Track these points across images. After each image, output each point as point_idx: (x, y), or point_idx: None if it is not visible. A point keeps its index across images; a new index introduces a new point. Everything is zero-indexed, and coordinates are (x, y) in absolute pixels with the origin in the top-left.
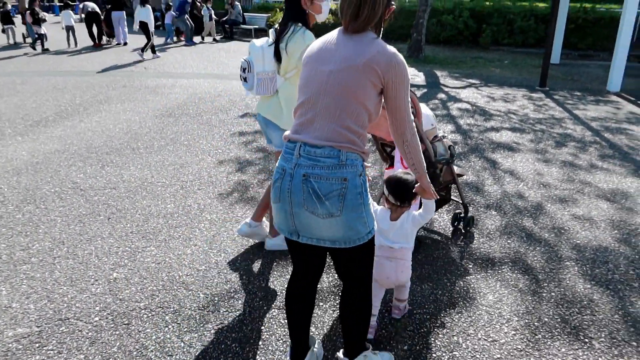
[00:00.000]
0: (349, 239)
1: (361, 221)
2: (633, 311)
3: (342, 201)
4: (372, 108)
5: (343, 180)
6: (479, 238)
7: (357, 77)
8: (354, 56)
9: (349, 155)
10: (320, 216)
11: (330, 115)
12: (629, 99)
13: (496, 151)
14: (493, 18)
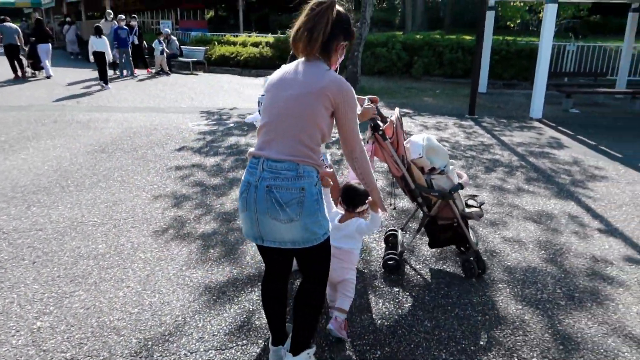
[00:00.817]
0: (308, 239)
1: (317, 224)
2: (561, 329)
3: (300, 207)
4: (325, 128)
5: (301, 190)
6: (415, 265)
7: (312, 102)
8: (309, 84)
9: (306, 167)
10: (282, 221)
11: (290, 134)
12: (550, 125)
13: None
14: (424, 50)
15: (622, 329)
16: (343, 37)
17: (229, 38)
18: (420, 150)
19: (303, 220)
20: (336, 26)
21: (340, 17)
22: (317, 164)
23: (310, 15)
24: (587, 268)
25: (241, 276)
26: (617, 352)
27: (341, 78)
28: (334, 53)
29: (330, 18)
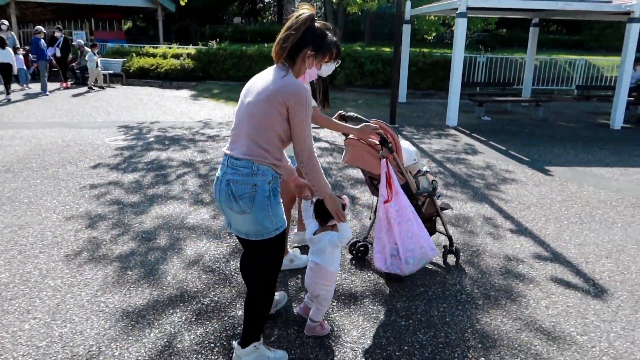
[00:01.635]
0: (258, 232)
1: (268, 219)
2: (479, 328)
3: (252, 201)
4: (281, 131)
5: (254, 185)
6: (341, 274)
7: (266, 107)
8: (265, 90)
9: (260, 166)
10: (236, 213)
11: (247, 136)
12: (465, 132)
13: (354, 187)
14: (346, 62)
15: (533, 323)
16: (312, 48)
17: (148, 49)
18: (414, 156)
19: (254, 213)
20: (306, 36)
21: (313, 29)
22: (272, 163)
23: (287, 26)
24: (501, 267)
25: (162, 298)
26: (530, 345)
27: (294, 82)
28: (300, 61)
29: (302, 29)
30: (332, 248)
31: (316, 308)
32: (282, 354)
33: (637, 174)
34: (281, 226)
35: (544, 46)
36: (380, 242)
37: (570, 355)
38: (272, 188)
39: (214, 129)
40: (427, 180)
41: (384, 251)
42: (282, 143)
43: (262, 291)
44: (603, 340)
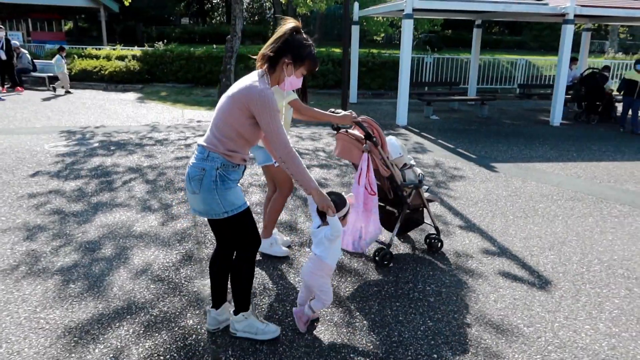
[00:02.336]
0: (207, 212)
1: (215, 202)
2: (432, 325)
3: (199, 184)
4: (240, 127)
5: (202, 170)
6: (294, 277)
7: (229, 104)
8: (233, 90)
9: (211, 154)
10: (190, 192)
11: (210, 128)
12: (414, 131)
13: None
14: None
15: (482, 317)
16: (291, 56)
17: (91, 51)
18: (399, 150)
19: (202, 194)
20: (286, 45)
21: (293, 39)
22: (222, 152)
23: (274, 35)
24: (452, 263)
25: (107, 311)
26: (480, 340)
27: (257, 88)
28: (279, 69)
29: (282, 38)
30: (328, 242)
31: (317, 298)
32: (275, 328)
33: (575, 168)
34: (231, 210)
35: (488, 46)
36: (351, 226)
37: (517, 347)
38: (220, 174)
39: (161, 132)
40: (414, 173)
41: (353, 234)
42: (241, 138)
43: (240, 263)
44: (548, 330)
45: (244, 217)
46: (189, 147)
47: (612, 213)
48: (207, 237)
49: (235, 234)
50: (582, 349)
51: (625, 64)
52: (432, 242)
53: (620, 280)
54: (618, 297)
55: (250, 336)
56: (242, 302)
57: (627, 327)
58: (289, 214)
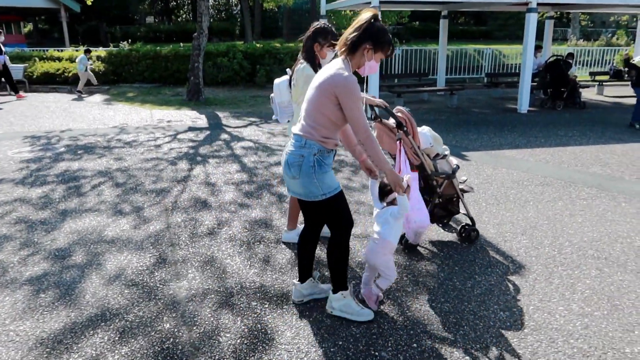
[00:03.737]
0: (306, 195)
1: (314, 185)
2: (410, 315)
3: (299, 169)
4: (331, 114)
5: (301, 156)
6: (271, 274)
7: (318, 95)
8: (320, 80)
9: (308, 141)
10: (289, 177)
11: (304, 117)
12: None
13: (282, 185)
14: (265, 59)
15: (460, 304)
16: (371, 42)
17: (53, 53)
18: (430, 140)
19: (301, 179)
20: (367, 32)
21: (373, 26)
22: (318, 139)
23: (353, 24)
24: (428, 253)
25: (80, 319)
26: (458, 327)
27: (341, 75)
28: (360, 54)
29: (363, 26)
30: (393, 220)
31: (382, 276)
32: (369, 312)
33: (543, 154)
34: (329, 192)
35: (455, 37)
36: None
37: (495, 331)
38: (318, 159)
39: (130, 134)
40: (448, 164)
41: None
42: (332, 124)
43: (335, 243)
44: (523, 313)
45: (339, 199)
46: (159, 147)
47: (581, 196)
48: (180, 238)
49: (331, 214)
50: (556, 329)
51: (587, 50)
52: (467, 232)
53: (591, 261)
54: (589, 278)
55: (346, 316)
56: (339, 281)
57: (598, 306)
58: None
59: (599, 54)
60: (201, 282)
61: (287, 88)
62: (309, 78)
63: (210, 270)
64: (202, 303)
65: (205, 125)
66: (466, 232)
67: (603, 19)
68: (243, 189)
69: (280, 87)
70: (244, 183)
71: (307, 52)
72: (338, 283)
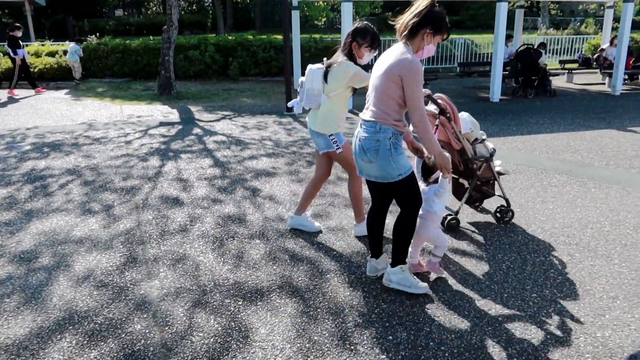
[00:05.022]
0: (383, 177)
1: (390, 166)
2: (385, 307)
3: (376, 153)
4: (397, 97)
5: (377, 141)
6: (245, 271)
7: (385, 81)
8: (386, 66)
9: (382, 127)
10: (366, 161)
11: (374, 104)
12: (356, 113)
13: (255, 179)
14: (237, 51)
15: (435, 295)
16: (430, 27)
17: None
18: (470, 125)
19: (379, 162)
20: (427, 17)
21: (432, 11)
22: (392, 123)
23: (412, 9)
24: None
25: (47, 323)
26: (433, 317)
27: (407, 58)
28: (419, 38)
29: (422, 12)
30: (437, 197)
31: (435, 247)
32: (425, 285)
33: (515, 142)
34: (404, 172)
35: None
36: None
37: (470, 320)
38: (393, 142)
39: (99, 130)
40: (485, 148)
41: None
42: (400, 107)
43: (405, 219)
44: (498, 301)
45: (412, 178)
46: (129, 144)
47: (552, 183)
48: (152, 236)
49: (405, 193)
50: (530, 317)
51: (557, 38)
52: (502, 213)
53: (562, 247)
54: (561, 264)
55: (404, 289)
56: (400, 256)
57: (570, 292)
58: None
59: (568, 43)
60: (173, 280)
61: (321, 77)
62: (359, 72)
63: (182, 268)
64: (175, 302)
65: (177, 120)
66: (502, 212)
67: (572, 7)
68: (216, 184)
69: (315, 74)
70: (217, 178)
71: (346, 49)
72: (399, 257)
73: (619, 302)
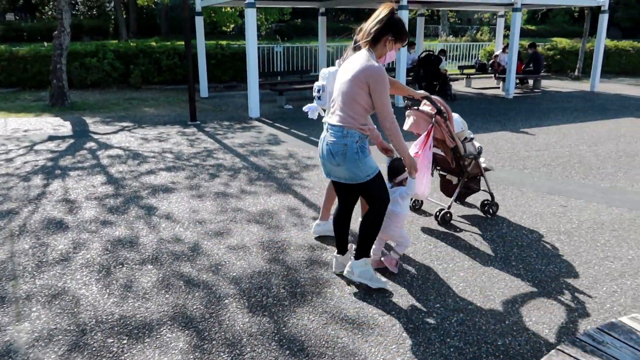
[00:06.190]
0: (352, 178)
1: (358, 169)
2: (286, 332)
3: (344, 156)
4: (364, 103)
5: (344, 145)
6: (133, 302)
7: (352, 86)
8: (353, 72)
9: (349, 131)
10: (334, 164)
11: (341, 109)
12: (268, 122)
13: (152, 196)
14: (140, 58)
15: (339, 314)
16: (392, 34)
17: None
18: (461, 125)
19: (347, 165)
20: (388, 25)
21: (393, 19)
22: (358, 127)
23: (373, 18)
24: (306, 259)
25: None
26: (337, 339)
27: (373, 65)
28: (382, 45)
29: (384, 20)
30: (402, 200)
31: (397, 244)
32: (385, 282)
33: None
34: (372, 173)
35: (336, 34)
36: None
37: (373, 339)
38: (360, 146)
39: None
40: (473, 146)
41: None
42: (366, 112)
43: (373, 215)
44: (402, 316)
45: (381, 177)
46: (10, 162)
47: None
48: (26, 269)
49: (374, 191)
50: (434, 329)
51: (456, 45)
52: (487, 207)
53: (464, 252)
54: (462, 270)
55: (365, 282)
56: (365, 249)
57: (472, 299)
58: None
59: (466, 49)
60: (47, 321)
61: None
62: None
63: (59, 305)
64: (47, 348)
65: (69, 133)
66: (488, 206)
67: (469, 16)
68: (107, 204)
69: (334, 76)
70: (109, 197)
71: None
72: (363, 251)
73: (517, 307)
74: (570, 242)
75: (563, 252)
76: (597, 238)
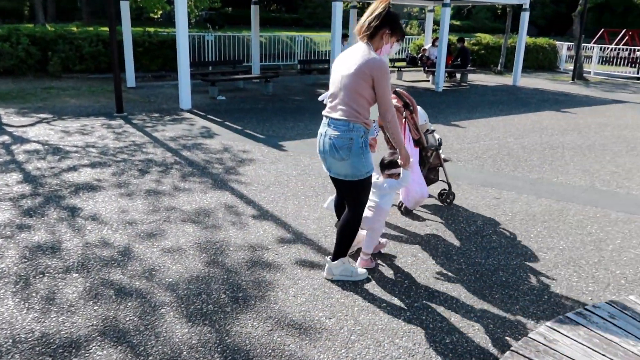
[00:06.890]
0: (354, 175)
1: (361, 163)
2: (230, 341)
3: (349, 151)
4: (367, 96)
5: (350, 139)
6: (57, 317)
7: (356, 79)
8: (355, 65)
9: (355, 125)
10: (338, 160)
11: (344, 103)
12: (200, 114)
13: (76, 195)
14: (59, 44)
15: (284, 318)
16: (389, 28)
17: None
18: (425, 117)
19: (351, 159)
20: (385, 19)
21: (389, 13)
22: (362, 121)
23: (370, 11)
24: (247, 261)
25: None
26: (283, 346)
27: (375, 58)
28: (379, 38)
29: (382, 14)
30: (391, 191)
31: (367, 241)
32: (364, 272)
33: None
34: (370, 170)
35: (268, 24)
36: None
37: (322, 344)
38: (364, 140)
39: None
40: (434, 138)
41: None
42: (369, 105)
43: (352, 220)
44: (349, 317)
45: (370, 180)
46: None
47: None
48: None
49: (360, 192)
50: (382, 330)
51: None
52: (446, 196)
53: (406, 247)
54: (406, 266)
55: (346, 279)
56: (343, 251)
57: (418, 296)
58: None
59: None
60: None
61: None
62: None
63: None
64: None
65: None
66: (446, 195)
67: (398, 10)
68: (24, 205)
69: None
70: (26, 197)
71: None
72: (341, 252)
73: (462, 302)
74: (506, 234)
75: (500, 244)
76: (530, 229)
